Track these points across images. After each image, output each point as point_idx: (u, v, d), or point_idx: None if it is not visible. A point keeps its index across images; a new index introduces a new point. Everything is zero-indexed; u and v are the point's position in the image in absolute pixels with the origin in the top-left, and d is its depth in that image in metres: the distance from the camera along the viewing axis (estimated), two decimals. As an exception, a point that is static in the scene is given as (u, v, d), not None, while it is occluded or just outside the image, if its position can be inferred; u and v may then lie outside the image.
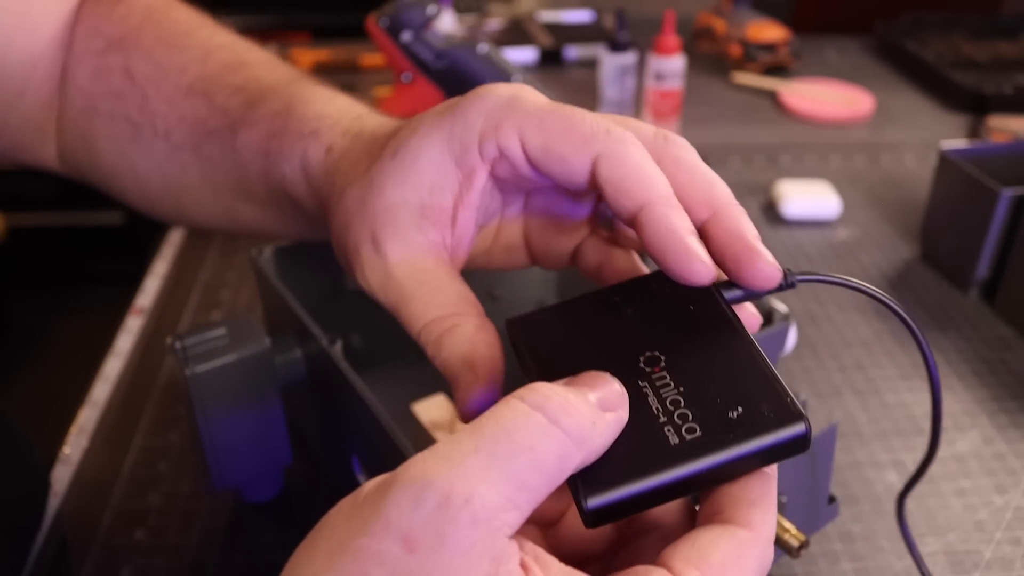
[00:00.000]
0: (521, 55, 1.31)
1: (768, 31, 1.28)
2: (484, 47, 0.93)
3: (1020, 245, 0.72)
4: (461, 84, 0.93)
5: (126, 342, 0.72)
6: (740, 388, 0.27)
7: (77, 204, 2.09)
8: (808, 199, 0.90)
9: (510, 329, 0.32)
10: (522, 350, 0.31)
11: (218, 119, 0.45)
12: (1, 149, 0.51)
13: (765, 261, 0.29)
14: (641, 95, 1.10)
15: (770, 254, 0.29)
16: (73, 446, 0.60)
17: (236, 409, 0.48)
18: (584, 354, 0.30)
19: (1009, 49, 1.32)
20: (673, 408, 0.27)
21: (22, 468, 0.56)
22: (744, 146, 1.07)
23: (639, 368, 0.28)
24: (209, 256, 0.83)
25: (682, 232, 0.28)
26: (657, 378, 0.28)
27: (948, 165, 0.79)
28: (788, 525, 0.41)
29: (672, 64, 1.04)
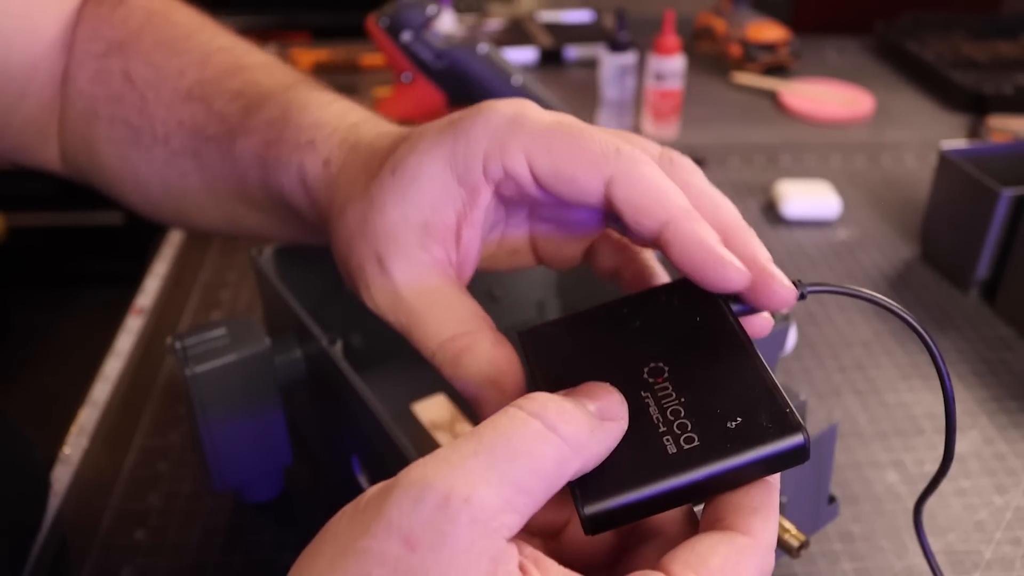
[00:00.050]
0: (521, 55, 1.31)
1: (768, 31, 1.28)
2: (484, 47, 0.93)
3: (1020, 245, 0.72)
4: (461, 84, 0.93)
5: (126, 342, 0.72)
6: (740, 399, 0.27)
7: (77, 204, 2.09)
8: (808, 199, 0.90)
9: (521, 341, 0.32)
10: (531, 361, 0.31)
11: (216, 125, 0.45)
12: (4, 151, 0.51)
13: (780, 284, 0.29)
14: (641, 95, 1.10)
15: (784, 276, 0.29)
16: (73, 446, 0.60)
17: (236, 409, 0.48)
18: (589, 365, 0.30)
19: (1009, 49, 1.32)
20: (673, 418, 0.27)
21: (22, 468, 0.56)
22: (744, 146, 1.07)
23: (642, 379, 0.29)
24: (209, 256, 0.83)
25: (711, 242, 0.29)
26: (659, 388, 0.28)
27: (948, 165, 0.79)
28: (788, 525, 0.41)
29: (672, 64, 1.04)
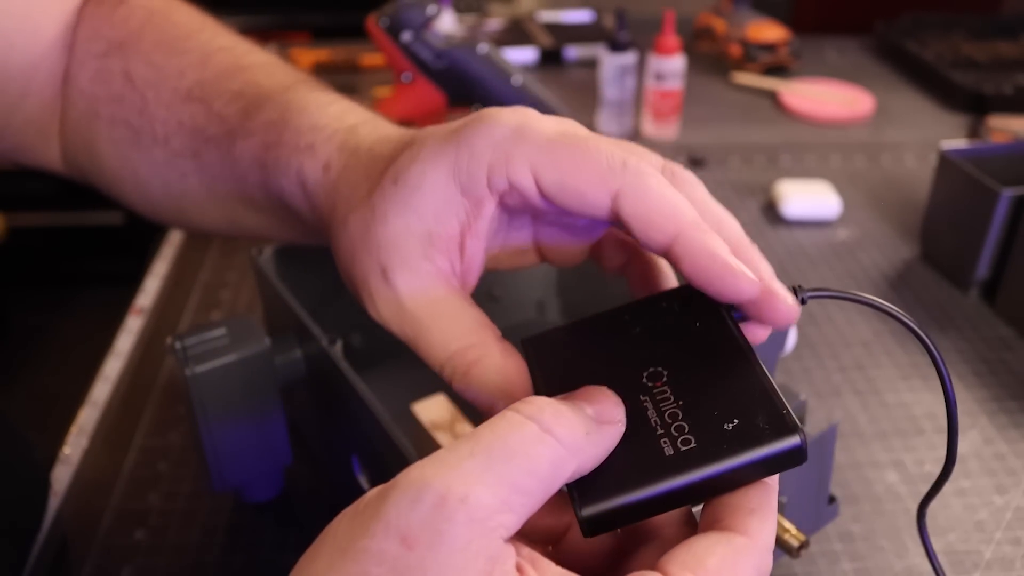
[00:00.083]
0: (521, 55, 1.31)
1: (768, 31, 1.28)
2: (484, 47, 0.94)
3: (1020, 245, 0.72)
4: (461, 84, 0.93)
5: (126, 342, 0.72)
6: (738, 401, 0.27)
7: (77, 204, 2.09)
8: (808, 199, 0.90)
9: (524, 348, 0.32)
10: (533, 368, 0.31)
11: (216, 126, 0.45)
12: (5, 151, 0.51)
13: (783, 302, 0.29)
14: (641, 95, 1.10)
15: (787, 293, 0.29)
16: (73, 446, 0.60)
17: (236, 409, 0.48)
18: (589, 371, 0.30)
19: (1009, 49, 1.32)
20: (671, 421, 0.27)
21: (22, 468, 0.56)
22: (744, 146, 1.07)
23: (641, 383, 0.29)
24: (209, 256, 0.83)
25: (722, 253, 0.29)
26: (658, 392, 0.28)
27: (948, 165, 0.79)
28: (788, 525, 0.41)
29: (672, 64, 1.04)
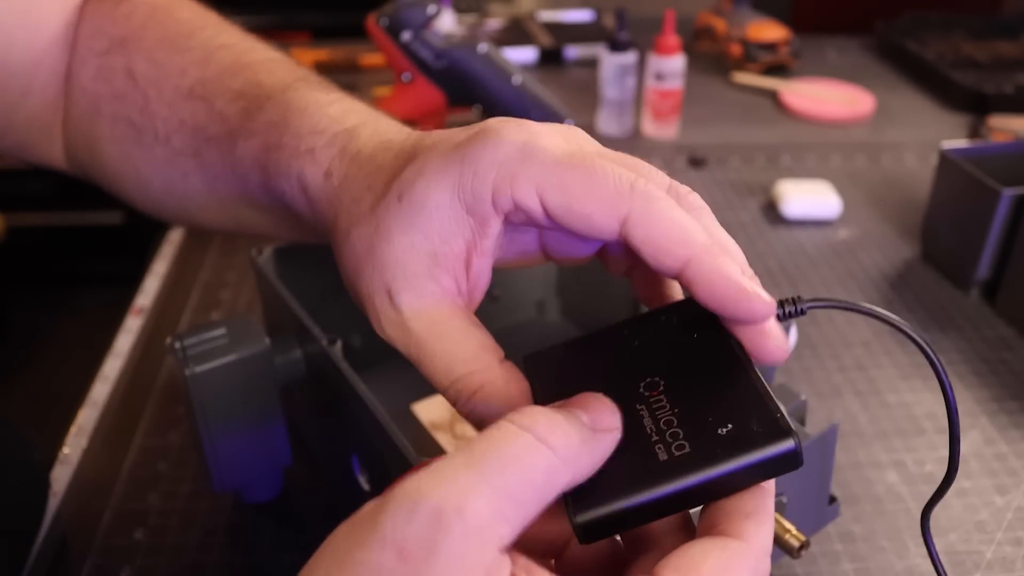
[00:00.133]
0: (521, 55, 1.31)
1: (768, 31, 1.28)
2: (484, 47, 0.93)
3: (1021, 245, 0.72)
4: (461, 84, 0.93)
5: (126, 342, 0.72)
6: (732, 407, 0.27)
7: (77, 204, 2.09)
8: (808, 199, 0.90)
9: (525, 364, 0.33)
10: (534, 384, 0.32)
11: (217, 125, 0.44)
12: (9, 148, 0.51)
13: (775, 343, 0.29)
14: (641, 95, 1.10)
15: (781, 332, 0.29)
16: (73, 446, 0.60)
17: (236, 409, 0.48)
18: (588, 384, 0.30)
19: (1010, 49, 1.32)
20: (666, 428, 0.27)
21: (22, 469, 0.56)
22: (744, 146, 1.07)
23: (638, 393, 0.29)
24: (209, 256, 0.83)
25: (736, 278, 0.28)
26: (654, 401, 0.29)
27: (949, 165, 0.79)
28: (788, 525, 0.41)
29: (672, 64, 1.04)
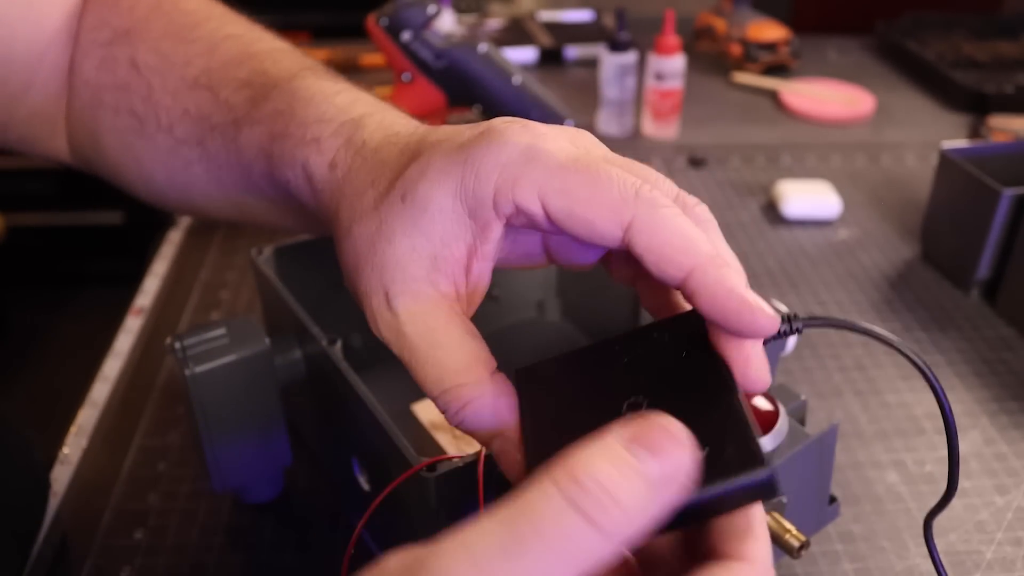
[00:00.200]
0: (521, 55, 1.31)
1: (768, 31, 1.28)
2: (484, 47, 0.93)
3: (1021, 245, 0.72)
4: (461, 84, 0.93)
5: (126, 342, 0.72)
6: (711, 433, 0.26)
7: (77, 204, 2.09)
8: (808, 199, 0.90)
9: (517, 378, 0.32)
10: (523, 399, 0.31)
11: (222, 114, 0.44)
12: (13, 142, 0.51)
13: (758, 371, 0.29)
14: (641, 95, 1.10)
15: (766, 363, 0.29)
16: (72, 446, 0.60)
17: (236, 409, 0.48)
18: (575, 402, 0.30)
19: (1010, 49, 1.32)
20: None
21: (22, 469, 0.56)
22: (744, 146, 1.07)
23: (620, 412, 0.28)
24: (209, 256, 0.83)
25: (740, 290, 0.28)
26: None
27: (949, 165, 0.79)
28: (788, 525, 0.41)
29: (672, 64, 1.04)
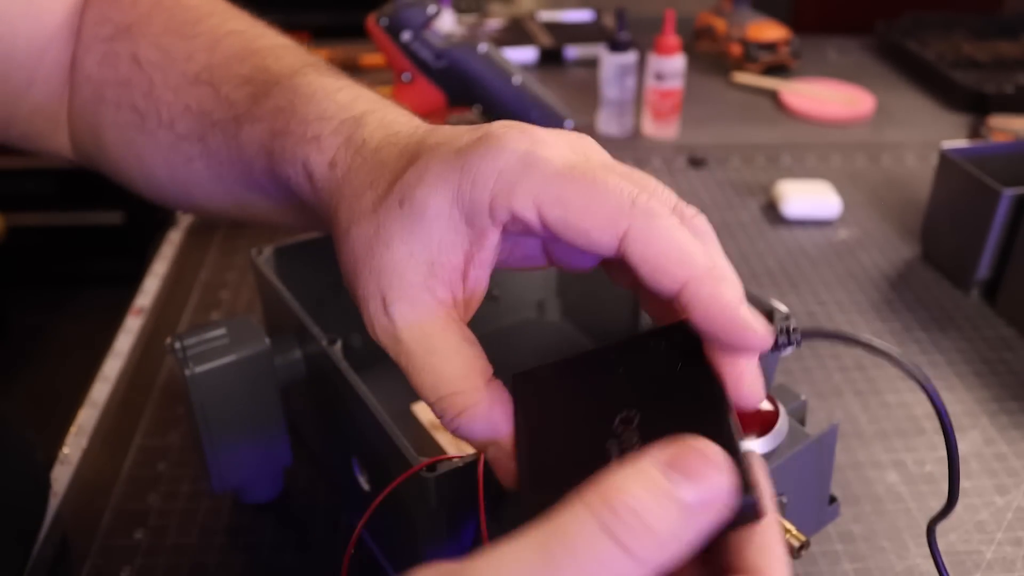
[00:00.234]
0: (521, 55, 1.31)
1: (768, 31, 1.28)
2: (484, 47, 0.93)
3: (1021, 245, 0.72)
4: (461, 84, 0.93)
5: (126, 342, 0.72)
6: None
7: (77, 204, 2.09)
8: (808, 199, 0.90)
9: (513, 383, 0.32)
10: (518, 406, 0.31)
11: (223, 111, 0.44)
12: (16, 139, 0.51)
13: (751, 387, 0.28)
14: (641, 95, 1.10)
15: (761, 380, 0.29)
16: (72, 446, 0.60)
17: (236, 409, 0.48)
18: (569, 413, 0.30)
19: (1010, 49, 1.32)
20: None
21: (22, 469, 0.56)
22: (744, 146, 1.07)
23: (612, 427, 0.28)
24: (209, 256, 0.83)
25: (734, 306, 0.28)
26: (625, 437, 0.28)
27: (949, 165, 0.79)
28: (789, 526, 0.41)
29: (672, 64, 1.04)
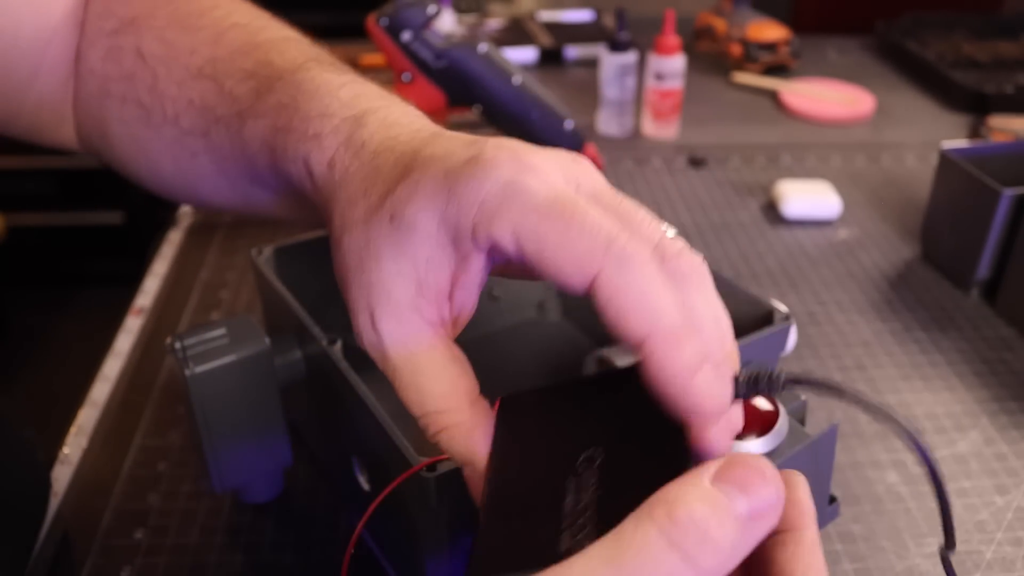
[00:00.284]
0: (521, 55, 1.31)
1: (768, 31, 1.28)
2: (484, 47, 0.93)
3: (1021, 245, 0.72)
4: (461, 84, 0.93)
5: (126, 342, 0.72)
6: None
7: (77, 204, 2.09)
8: (808, 199, 0.90)
9: (501, 406, 0.32)
10: (498, 429, 0.31)
11: (226, 106, 0.44)
12: (21, 131, 0.51)
13: (716, 444, 0.28)
14: (641, 95, 1.10)
15: (727, 443, 0.28)
16: (73, 446, 0.60)
17: (236, 409, 0.48)
18: (538, 447, 0.30)
19: (1010, 49, 1.32)
20: (582, 512, 0.26)
21: (22, 469, 0.56)
22: (744, 146, 1.07)
23: (575, 465, 0.28)
24: (209, 256, 0.83)
25: (689, 371, 0.27)
26: (585, 478, 0.27)
27: (949, 165, 0.79)
28: (789, 525, 0.41)
29: (672, 64, 1.04)
